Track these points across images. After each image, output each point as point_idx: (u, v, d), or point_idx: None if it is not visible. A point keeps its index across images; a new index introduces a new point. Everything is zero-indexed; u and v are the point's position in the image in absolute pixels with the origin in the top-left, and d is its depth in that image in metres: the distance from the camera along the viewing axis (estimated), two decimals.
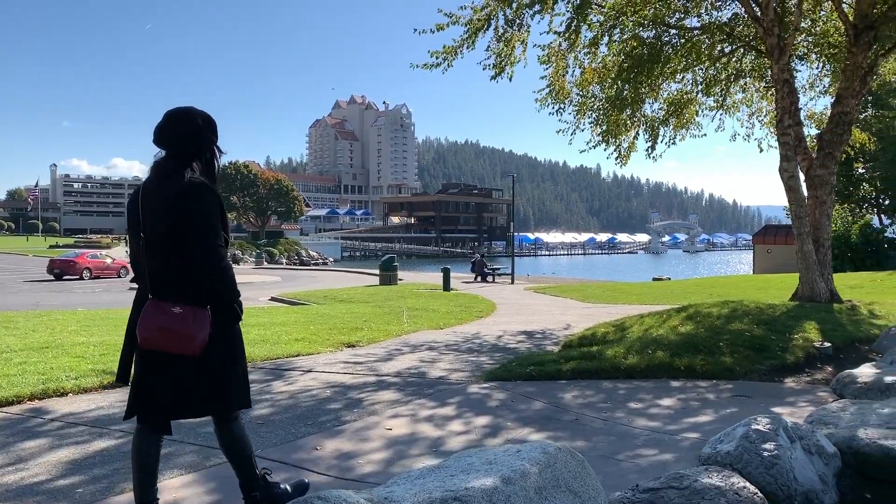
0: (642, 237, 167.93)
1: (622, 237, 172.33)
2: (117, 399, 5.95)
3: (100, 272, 35.92)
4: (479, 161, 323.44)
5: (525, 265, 72.37)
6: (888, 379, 5.45)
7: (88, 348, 8.55)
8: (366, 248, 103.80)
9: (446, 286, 25.48)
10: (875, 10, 10.47)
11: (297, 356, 8.65)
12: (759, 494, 3.58)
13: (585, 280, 37.21)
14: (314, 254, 78.58)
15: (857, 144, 16.22)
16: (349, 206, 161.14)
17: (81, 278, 34.40)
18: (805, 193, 11.41)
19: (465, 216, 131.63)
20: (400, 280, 30.30)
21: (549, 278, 38.63)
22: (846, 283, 19.12)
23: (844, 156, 14.12)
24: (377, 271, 30.87)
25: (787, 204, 12.28)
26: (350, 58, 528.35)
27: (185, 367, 3.03)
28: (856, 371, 5.93)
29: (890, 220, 32.61)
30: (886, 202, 32.20)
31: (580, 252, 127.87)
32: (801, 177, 11.76)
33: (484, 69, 13.25)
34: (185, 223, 3.00)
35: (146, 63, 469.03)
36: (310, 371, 7.49)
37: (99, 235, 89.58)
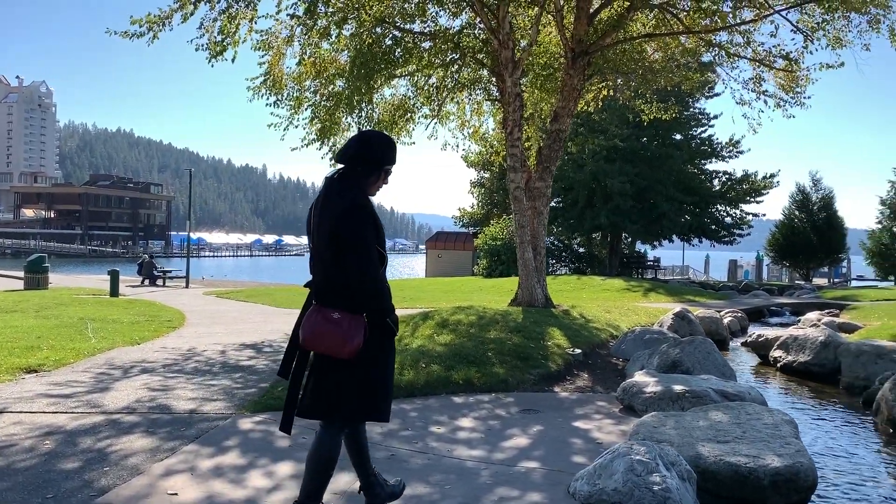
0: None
1: (289, 239, 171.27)
2: None
3: None
4: (134, 152, 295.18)
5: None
6: (677, 388, 5.66)
7: None
8: None
9: (114, 291, 22.22)
10: (589, 37, 11.44)
11: None
12: None
13: (265, 283, 35.76)
14: None
15: None
16: None
17: None
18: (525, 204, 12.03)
19: (119, 212, 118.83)
20: (50, 284, 25.71)
21: (226, 281, 36.27)
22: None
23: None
24: (15, 273, 25.89)
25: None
26: None
27: (337, 369, 3.25)
28: (638, 380, 6.10)
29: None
30: None
31: (246, 254, 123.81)
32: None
33: (197, 50, 11.62)
34: (343, 240, 3.18)
35: None
36: (3, 412, 5.47)
37: None
